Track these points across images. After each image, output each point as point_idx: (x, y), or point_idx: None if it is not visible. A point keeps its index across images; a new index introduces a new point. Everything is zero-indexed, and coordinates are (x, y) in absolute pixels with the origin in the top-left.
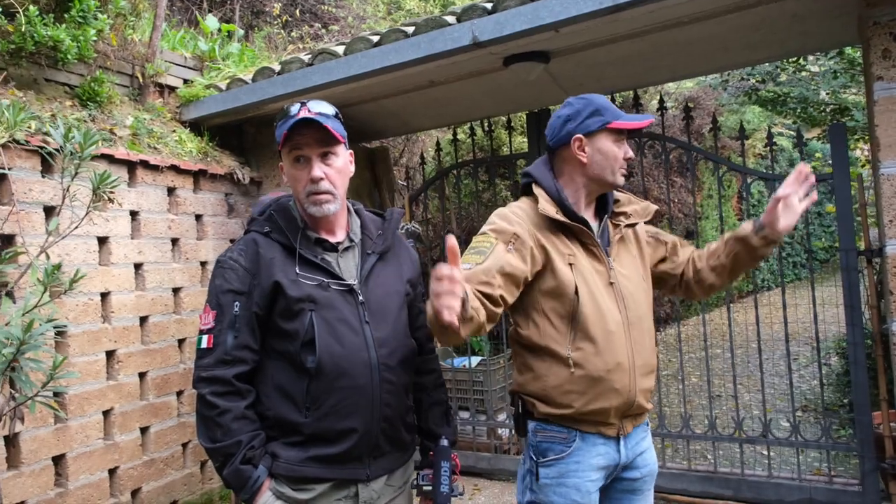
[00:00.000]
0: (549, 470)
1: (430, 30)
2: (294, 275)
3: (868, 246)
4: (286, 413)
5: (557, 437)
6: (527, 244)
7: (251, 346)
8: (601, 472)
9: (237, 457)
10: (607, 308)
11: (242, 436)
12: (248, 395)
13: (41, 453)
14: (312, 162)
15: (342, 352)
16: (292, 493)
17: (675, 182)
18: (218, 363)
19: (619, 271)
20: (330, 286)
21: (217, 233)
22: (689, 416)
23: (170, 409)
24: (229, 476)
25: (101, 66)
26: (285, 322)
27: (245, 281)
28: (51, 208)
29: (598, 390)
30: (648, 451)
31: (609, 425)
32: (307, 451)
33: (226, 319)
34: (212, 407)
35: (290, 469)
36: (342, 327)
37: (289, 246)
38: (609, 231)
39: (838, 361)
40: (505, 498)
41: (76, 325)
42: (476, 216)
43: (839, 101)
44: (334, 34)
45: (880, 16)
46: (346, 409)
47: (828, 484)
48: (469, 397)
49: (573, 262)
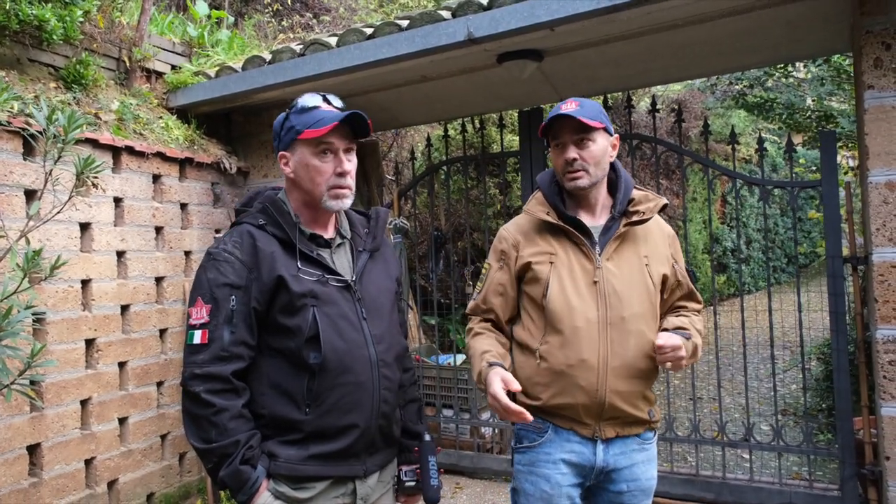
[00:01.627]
0: (523, 457)
1: (425, 24)
2: (295, 269)
3: (854, 253)
4: (284, 411)
5: (532, 427)
6: (510, 255)
7: (248, 342)
8: (573, 469)
9: (235, 457)
10: (578, 305)
11: (240, 435)
12: (244, 394)
13: (15, 442)
14: (340, 155)
15: (345, 347)
16: (292, 492)
17: (661, 185)
18: (214, 359)
19: (609, 270)
20: (329, 282)
21: (202, 222)
22: (672, 419)
23: (149, 400)
24: (227, 477)
25: (87, 49)
26: (286, 318)
27: (242, 275)
28: (32, 192)
29: (561, 384)
30: (641, 467)
31: (583, 424)
32: (307, 449)
33: (222, 314)
34: (206, 405)
35: (291, 468)
36: (343, 323)
37: (286, 240)
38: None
39: (818, 366)
40: (487, 496)
41: (55, 313)
42: (464, 213)
43: (824, 109)
44: (326, 25)
45: (873, 25)
46: (347, 405)
47: (808, 488)
48: (453, 395)
49: (554, 261)
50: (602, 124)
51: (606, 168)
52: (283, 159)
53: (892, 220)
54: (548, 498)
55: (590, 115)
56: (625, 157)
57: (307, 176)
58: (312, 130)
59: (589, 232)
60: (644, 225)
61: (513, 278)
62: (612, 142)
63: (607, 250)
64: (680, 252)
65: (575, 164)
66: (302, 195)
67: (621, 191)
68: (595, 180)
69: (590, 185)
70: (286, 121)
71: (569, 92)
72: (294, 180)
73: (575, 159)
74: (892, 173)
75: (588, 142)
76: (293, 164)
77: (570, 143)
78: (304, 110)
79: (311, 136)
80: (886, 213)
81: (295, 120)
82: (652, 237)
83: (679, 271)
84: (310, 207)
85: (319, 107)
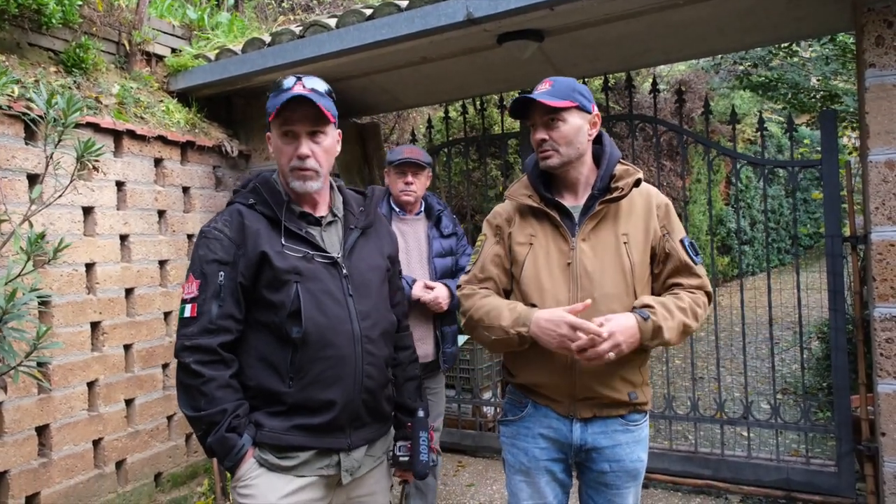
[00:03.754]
0: (507, 429)
1: (425, 4)
2: (280, 246)
3: (853, 232)
4: (269, 383)
5: (515, 401)
6: (505, 231)
7: (235, 315)
8: (552, 444)
9: (222, 425)
10: (549, 286)
11: (227, 404)
12: (232, 365)
13: (24, 423)
14: (301, 139)
15: (327, 323)
16: (276, 460)
17: (665, 166)
18: (202, 332)
19: (583, 251)
20: (314, 258)
21: (204, 206)
22: (672, 397)
23: (155, 382)
24: (214, 444)
25: (87, 32)
26: (270, 293)
27: (230, 251)
28: (34, 176)
29: (535, 363)
30: (626, 448)
31: (557, 402)
32: (291, 420)
33: (210, 289)
34: (196, 375)
35: (275, 437)
36: (326, 299)
37: (273, 218)
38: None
39: (818, 346)
40: (489, 474)
41: (60, 296)
42: (466, 195)
43: (829, 88)
44: (326, 6)
45: (874, 3)
46: (328, 379)
47: (805, 465)
48: (455, 375)
49: (533, 242)
50: (573, 103)
51: (582, 146)
52: (268, 139)
53: (891, 199)
54: (526, 470)
55: (559, 95)
56: (626, 137)
57: (277, 157)
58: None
59: (569, 213)
60: (629, 200)
61: (507, 253)
62: (590, 119)
63: (583, 230)
64: (675, 222)
65: (544, 145)
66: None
67: (603, 166)
68: (566, 159)
69: (560, 164)
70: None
71: (570, 72)
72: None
73: (545, 140)
74: (892, 152)
75: (558, 122)
76: (271, 145)
77: (539, 124)
78: (277, 92)
79: (271, 118)
80: (886, 191)
81: (270, 102)
82: (636, 213)
83: (669, 243)
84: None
85: (291, 88)
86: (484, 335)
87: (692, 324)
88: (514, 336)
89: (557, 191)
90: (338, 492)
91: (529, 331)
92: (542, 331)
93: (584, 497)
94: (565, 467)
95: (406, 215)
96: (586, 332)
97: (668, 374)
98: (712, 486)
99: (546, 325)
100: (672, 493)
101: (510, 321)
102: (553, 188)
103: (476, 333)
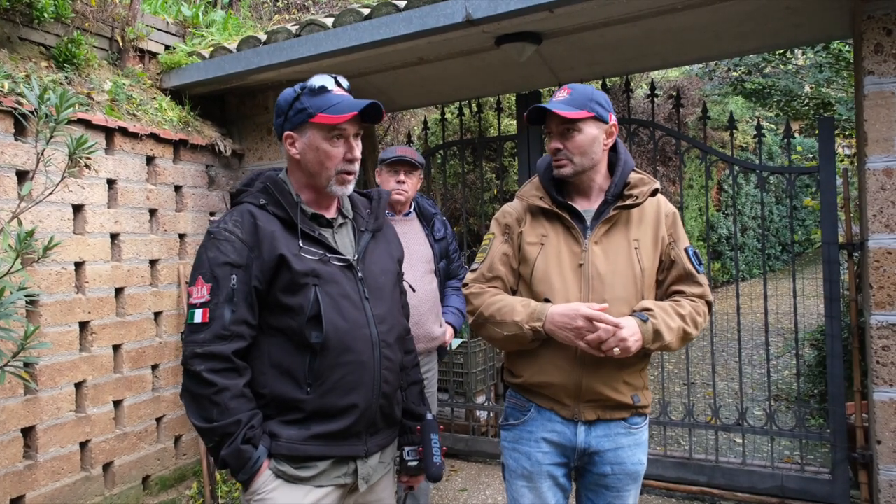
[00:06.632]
0: (508, 434)
1: (423, 4)
2: (297, 249)
3: (849, 240)
4: (285, 390)
5: (517, 405)
6: (514, 230)
7: (249, 321)
8: (555, 448)
9: (237, 437)
10: (560, 287)
11: (241, 415)
12: (246, 373)
13: (10, 424)
14: (351, 141)
15: (346, 327)
16: (294, 471)
17: (658, 171)
18: (215, 338)
19: (595, 254)
20: (331, 261)
21: (197, 205)
22: (666, 403)
23: (144, 383)
24: (228, 457)
25: (79, 28)
26: (288, 297)
27: (243, 254)
28: (24, 173)
29: (540, 363)
30: (627, 451)
31: (562, 405)
32: (309, 428)
33: (222, 293)
34: (208, 385)
35: (293, 448)
36: (345, 302)
37: (288, 220)
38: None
39: (811, 352)
40: (482, 479)
41: (49, 295)
42: (461, 198)
43: (822, 96)
44: (322, 6)
45: (874, 10)
46: (349, 384)
47: (799, 472)
48: (449, 379)
49: (544, 243)
50: (590, 113)
51: (597, 156)
52: (289, 139)
53: (888, 207)
54: (528, 475)
55: (576, 105)
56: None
57: (316, 159)
58: (328, 116)
59: (581, 216)
60: (640, 208)
61: (515, 252)
62: (607, 129)
63: (596, 234)
64: (681, 232)
65: (559, 154)
66: (305, 177)
67: (618, 174)
68: (580, 169)
69: (574, 173)
70: (296, 101)
71: (567, 76)
72: (299, 162)
73: (559, 149)
74: (890, 160)
75: (573, 132)
76: (301, 146)
77: (554, 133)
78: (316, 92)
79: (326, 121)
80: (883, 199)
81: (307, 101)
82: (646, 220)
83: (674, 251)
84: (312, 189)
85: (332, 90)
86: (495, 332)
87: (692, 331)
88: (528, 331)
89: (569, 194)
90: (348, 501)
91: (544, 326)
92: (557, 325)
93: (582, 500)
94: (567, 472)
95: (394, 216)
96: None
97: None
98: (707, 493)
99: (561, 319)
100: (666, 500)
101: (525, 316)
102: (564, 191)
103: (485, 331)
